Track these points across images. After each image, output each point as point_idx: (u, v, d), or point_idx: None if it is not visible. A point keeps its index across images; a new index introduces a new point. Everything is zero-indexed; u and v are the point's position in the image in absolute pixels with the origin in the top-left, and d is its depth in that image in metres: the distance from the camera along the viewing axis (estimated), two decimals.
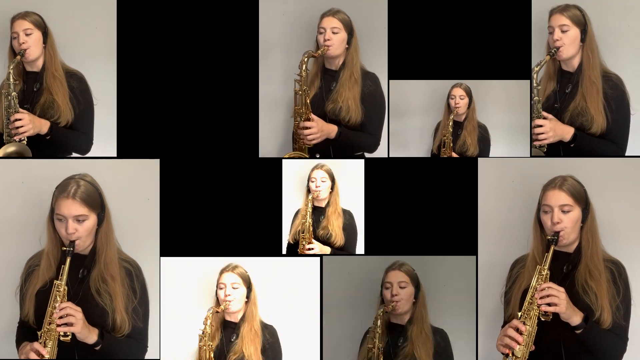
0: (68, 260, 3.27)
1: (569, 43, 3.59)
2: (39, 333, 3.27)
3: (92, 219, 3.33)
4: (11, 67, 3.63)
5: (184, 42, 3.85)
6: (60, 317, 3.24)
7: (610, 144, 3.65)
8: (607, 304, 3.27)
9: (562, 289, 3.23)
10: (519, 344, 3.21)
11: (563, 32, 3.58)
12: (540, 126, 3.59)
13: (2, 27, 3.72)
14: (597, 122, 3.59)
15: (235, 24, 3.82)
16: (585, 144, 3.61)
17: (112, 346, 3.35)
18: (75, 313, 3.25)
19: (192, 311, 3.58)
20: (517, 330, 3.22)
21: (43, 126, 3.66)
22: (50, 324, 3.25)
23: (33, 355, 3.23)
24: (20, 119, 3.62)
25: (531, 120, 3.71)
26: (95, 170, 3.51)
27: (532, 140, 3.71)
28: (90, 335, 3.29)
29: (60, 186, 3.36)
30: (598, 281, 3.29)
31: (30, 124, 3.63)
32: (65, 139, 3.69)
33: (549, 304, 3.21)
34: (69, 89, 3.70)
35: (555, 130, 3.58)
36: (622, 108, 3.65)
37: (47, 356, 3.23)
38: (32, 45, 3.66)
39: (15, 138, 3.63)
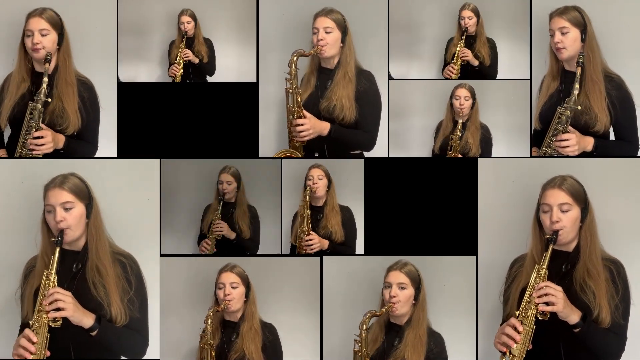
0: (57, 250, 3.25)
1: (569, 44, 3.59)
2: (30, 322, 3.24)
3: (79, 208, 3.32)
4: (46, 80, 3.53)
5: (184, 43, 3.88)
6: (50, 303, 3.22)
7: (626, 143, 3.66)
8: (606, 303, 3.27)
9: (559, 288, 3.22)
10: (516, 342, 3.20)
11: (563, 34, 3.59)
12: (567, 140, 3.58)
13: (11, 21, 3.69)
14: (600, 121, 3.58)
15: (235, 23, 3.84)
16: (605, 149, 3.61)
17: (110, 334, 3.33)
18: (64, 297, 3.23)
19: (193, 311, 3.58)
20: (515, 329, 3.21)
21: (60, 142, 3.61)
22: (39, 311, 3.23)
23: (24, 342, 3.21)
24: (42, 137, 3.56)
25: (531, 122, 3.72)
26: (96, 170, 3.51)
27: (532, 144, 3.72)
28: (85, 318, 3.27)
29: (48, 182, 3.37)
30: (596, 280, 3.28)
31: (52, 142, 3.58)
32: (75, 150, 3.66)
33: (546, 304, 3.21)
34: (79, 98, 3.64)
35: (579, 143, 3.58)
36: (628, 107, 3.66)
37: (36, 341, 3.21)
38: (47, 46, 3.58)
39: (33, 153, 3.57)
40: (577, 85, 3.55)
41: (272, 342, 3.53)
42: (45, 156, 3.60)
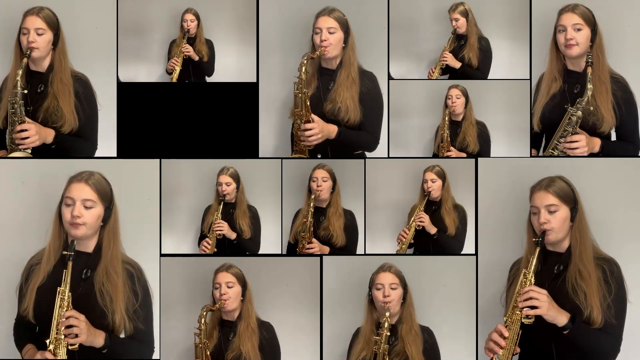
0: (70, 265, 3.22)
1: (582, 41, 3.56)
2: (47, 341, 3.21)
3: (98, 209, 3.29)
4: (20, 72, 3.52)
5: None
6: (66, 327, 3.19)
7: (628, 144, 3.65)
8: (597, 303, 3.24)
9: (543, 291, 3.21)
10: (501, 348, 3.22)
11: (577, 30, 3.55)
12: (577, 141, 3.55)
13: (10, 20, 3.68)
14: (606, 122, 3.57)
15: (235, 23, 3.84)
16: (610, 150, 3.61)
17: (119, 349, 3.32)
18: (79, 322, 3.20)
19: (192, 311, 3.58)
20: (501, 334, 3.22)
21: (48, 136, 3.59)
22: (57, 332, 3.21)
23: None
24: (26, 130, 3.54)
25: (531, 122, 3.71)
26: (96, 170, 3.50)
27: (532, 144, 3.72)
28: (96, 340, 3.25)
29: (74, 175, 3.33)
30: (587, 280, 3.26)
31: (36, 135, 3.54)
32: (69, 146, 3.65)
33: (530, 307, 3.20)
34: (74, 97, 3.63)
35: (588, 144, 3.57)
36: (632, 108, 3.65)
37: None
38: (42, 46, 3.58)
39: (20, 147, 3.55)
40: (590, 85, 3.51)
41: (269, 341, 3.52)
42: (46, 155, 3.61)
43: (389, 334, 3.41)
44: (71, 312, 3.21)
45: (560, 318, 3.21)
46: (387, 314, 3.42)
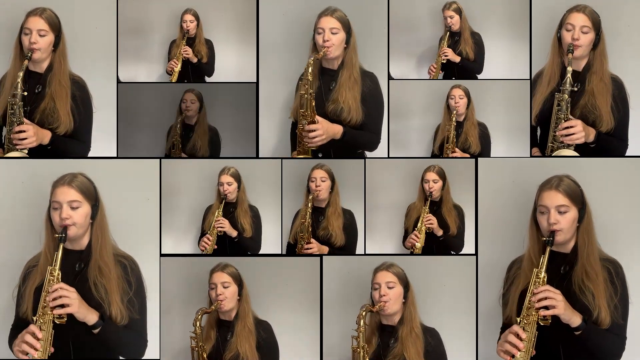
0: (61, 246, 3.25)
1: (585, 45, 3.58)
2: (34, 318, 3.23)
3: (85, 207, 3.32)
4: (21, 75, 3.54)
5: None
6: (54, 299, 3.22)
7: (618, 140, 3.67)
8: (605, 303, 3.23)
9: (558, 291, 3.19)
10: (519, 350, 3.17)
11: (583, 33, 3.57)
12: (573, 127, 3.56)
13: (11, 20, 3.69)
14: (605, 121, 3.59)
15: (235, 23, 3.85)
16: (603, 142, 3.62)
17: (112, 332, 3.32)
18: (69, 293, 3.23)
19: (192, 311, 3.58)
20: (518, 336, 3.17)
21: (45, 137, 3.61)
22: (44, 307, 3.23)
23: (29, 338, 3.20)
24: (24, 131, 3.56)
25: (531, 117, 3.71)
26: (96, 170, 3.50)
27: (532, 144, 3.72)
28: (89, 315, 3.27)
29: (57, 179, 3.36)
30: (595, 281, 3.24)
31: (34, 136, 3.57)
32: (63, 147, 3.66)
33: (546, 307, 3.18)
34: (71, 99, 3.64)
35: (584, 130, 3.57)
36: (625, 107, 3.66)
37: (41, 337, 3.21)
38: (43, 47, 3.59)
39: (17, 148, 3.57)
40: (570, 68, 3.53)
41: (267, 340, 3.51)
42: (43, 156, 3.61)
43: (363, 330, 3.39)
44: (59, 284, 3.23)
45: (575, 318, 3.19)
46: (363, 311, 3.39)
